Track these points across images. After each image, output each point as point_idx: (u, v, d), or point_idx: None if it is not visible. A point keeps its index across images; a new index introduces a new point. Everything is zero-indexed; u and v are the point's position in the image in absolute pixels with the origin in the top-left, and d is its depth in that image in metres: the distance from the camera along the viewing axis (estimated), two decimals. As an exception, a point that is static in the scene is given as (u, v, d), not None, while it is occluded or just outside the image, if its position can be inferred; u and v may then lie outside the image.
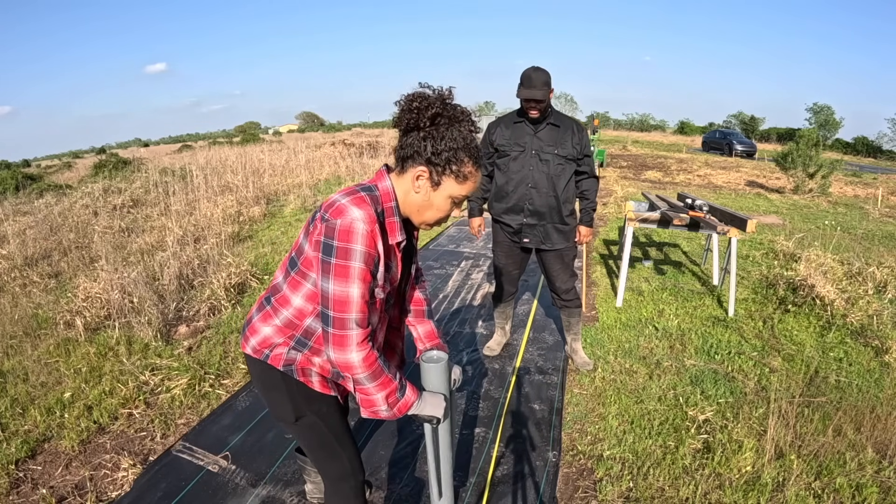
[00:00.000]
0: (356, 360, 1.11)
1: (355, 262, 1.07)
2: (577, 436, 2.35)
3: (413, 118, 1.12)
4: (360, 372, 1.12)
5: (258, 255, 5.14)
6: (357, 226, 1.06)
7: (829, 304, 3.59)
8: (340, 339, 1.10)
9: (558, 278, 2.78)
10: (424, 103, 1.11)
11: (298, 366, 1.26)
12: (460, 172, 1.15)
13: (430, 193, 1.17)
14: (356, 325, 1.10)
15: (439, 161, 1.13)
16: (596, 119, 16.60)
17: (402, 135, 1.15)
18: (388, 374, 1.17)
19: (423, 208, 1.19)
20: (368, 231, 1.07)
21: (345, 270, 1.07)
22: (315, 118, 73.06)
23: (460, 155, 1.13)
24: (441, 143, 1.12)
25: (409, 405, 1.21)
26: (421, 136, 1.12)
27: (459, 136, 1.13)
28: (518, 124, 2.60)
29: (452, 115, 1.13)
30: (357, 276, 1.08)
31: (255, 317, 1.29)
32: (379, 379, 1.15)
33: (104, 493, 2.02)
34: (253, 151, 13.96)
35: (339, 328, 1.10)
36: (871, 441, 2.27)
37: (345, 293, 1.08)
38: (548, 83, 2.44)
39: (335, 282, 1.08)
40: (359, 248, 1.07)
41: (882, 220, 7.86)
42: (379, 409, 1.18)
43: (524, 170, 2.59)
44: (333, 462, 1.36)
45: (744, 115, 46.90)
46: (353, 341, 1.10)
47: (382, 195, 1.16)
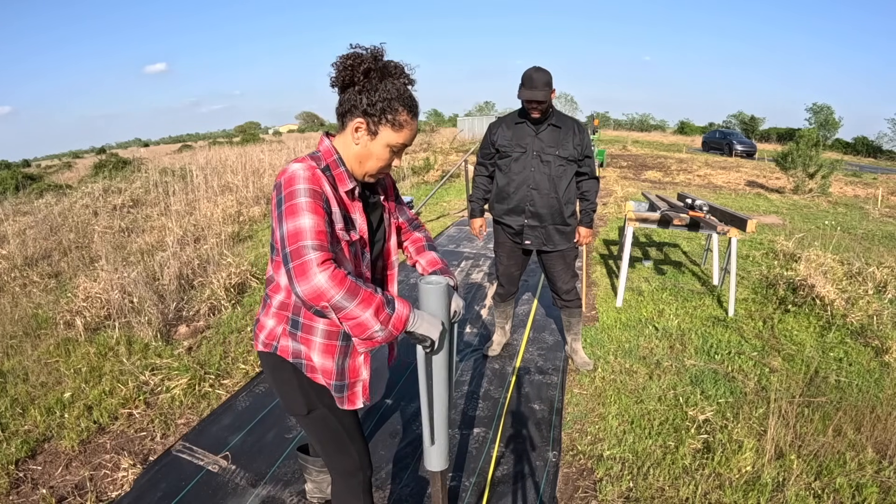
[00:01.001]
0: (322, 280, 1.03)
1: (300, 197, 1.10)
2: (577, 436, 2.35)
3: (348, 74, 1.16)
4: (334, 293, 1.04)
5: (258, 255, 5.14)
6: (297, 172, 1.13)
7: (829, 304, 3.59)
8: (301, 266, 1.05)
9: (559, 279, 2.78)
10: (358, 60, 1.15)
11: (305, 358, 1.27)
12: (396, 121, 1.19)
13: (368, 143, 1.21)
14: (313, 249, 1.06)
15: (375, 111, 1.17)
16: (596, 119, 16.60)
17: (340, 93, 1.20)
18: (368, 289, 1.10)
19: (364, 158, 1.23)
20: (310, 175, 1.13)
21: (292, 208, 1.09)
22: (315, 118, 73.05)
23: (395, 104, 1.17)
24: (375, 94, 1.16)
25: (404, 319, 1.14)
26: (356, 89, 1.17)
27: (393, 87, 1.17)
28: (519, 125, 2.59)
29: (385, 69, 1.17)
30: (305, 209, 1.09)
31: (261, 314, 1.33)
32: (358, 295, 1.07)
33: (104, 493, 2.02)
34: (253, 151, 13.96)
35: (297, 257, 1.05)
36: (871, 441, 2.27)
37: (296, 226, 1.08)
38: (549, 84, 2.43)
39: (287, 221, 1.09)
40: (301, 186, 1.11)
41: (882, 220, 7.86)
42: (373, 331, 1.10)
43: (525, 171, 2.59)
44: (342, 456, 1.37)
45: (744, 115, 46.94)
46: (313, 264, 1.04)
47: (324, 153, 1.23)
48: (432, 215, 7.21)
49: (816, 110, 39.91)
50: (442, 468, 1.41)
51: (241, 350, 3.13)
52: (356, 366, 1.32)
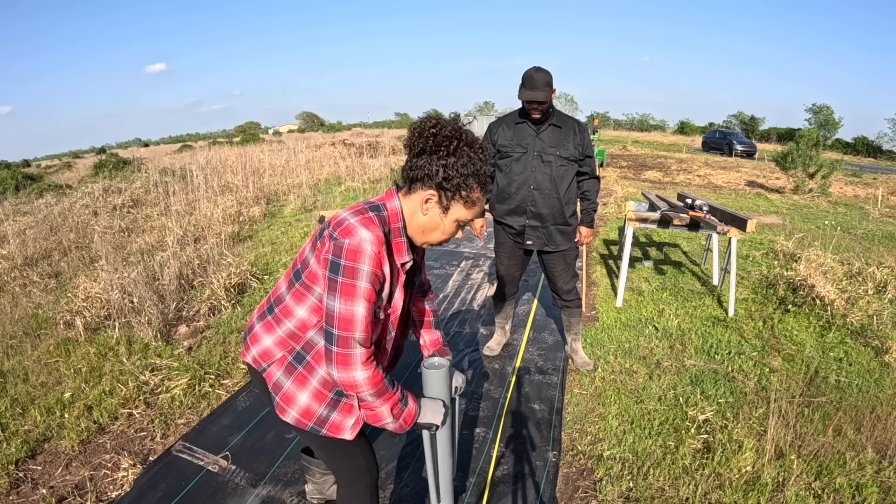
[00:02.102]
0: (361, 378, 1.11)
1: (362, 281, 1.08)
2: (577, 436, 2.35)
3: (428, 143, 1.12)
4: (366, 390, 1.13)
5: (258, 255, 5.14)
6: (365, 246, 1.08)
7: (829, 304, 3.59)
8: (344, 357, 1.10)
9: (560, 278, 2.78)
10: (439, 128, 1.12)
11: (282, 398, 1.23)
12: (469, 198, 1.16)
13: (438, 216, 1.18)
14: (360, 345, 1.10)
15: (450, 186, 1.14)
16: (596, 119, 16.61)
17: (413, 156, 1.16)
18: (392, 391, 1.18)
19: (429, 230, 1.20)
20: (376, 253, 1.09)
21: (351, 289, 1.08)
22: (315, 118, 73.07)
23: (470, 181, 1.15)
24: (453, 168, 1.13)
25: (413, 414, 1.22)
26: (433, 159, 1.13)
27: (470, 162, 1.14)
28: (520, 125, 2.59)
29: (465, 141, 1.14)
30: (363, 296, 1.09)
31: (257, 325, 1.29)
32: (384, 395, 1.16)
33: (104, 493, 2.02)
34: (253, 151, 13.96)
35: (343, 347, 1.10)
36: (871, 441, 2.27)
37: (350, 311, 1.08)
38: (550, 84, 2.43)
39: (341, 300, 1.08)
40: (366, 269, 1.08)
41: (882, 220, 7.86)
42: (385, 422, 1.19)
43: (526, 171, 2.59)
44: (348, 461, 1.35)
45: (744, 115, 46.94)
46: (358, 360, 1.10)
47: (390, 215, 1.17)
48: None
49: (816, 110, 39.90)
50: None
51: (240, 350, 3.13)
52: (341, 425, 1.25)
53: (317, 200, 8.06)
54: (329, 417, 1.25)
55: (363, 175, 10.29)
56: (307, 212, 7.32)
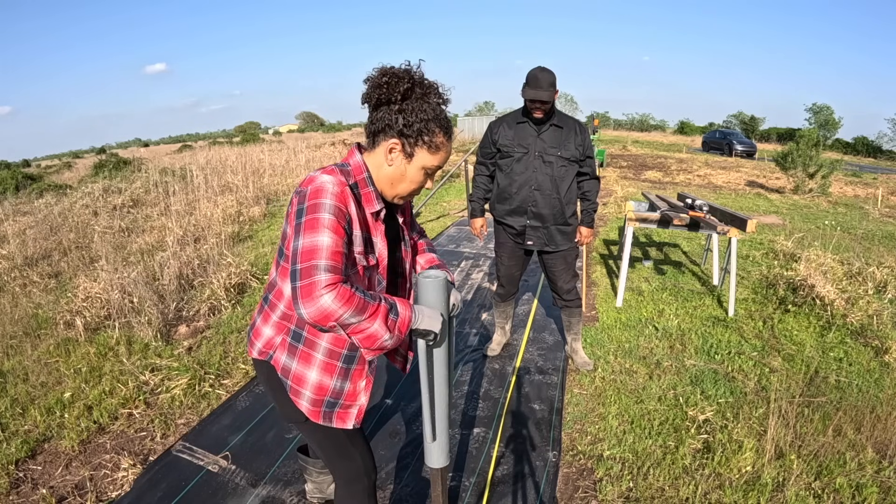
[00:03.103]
0: (328, 301, 0.99)
1: (323, 213, 1.06)
2: (577, 436, 2.35)
3: (384, 93, 1.12)
4: (342, 312, 1.01)
5: (258, 255, 5.14)
6: (326, 185, 1.08)
7: (829, 304, 3.59)
8: (307, 287, 1.00)
9: (560, 278, 2.78)
10: (395, 78, 1.11)
11: (292, 379, 1.23)
12: (432, 143, 1.16)
13: (403, 165, 1.17)
14: (324, 271, 1.01)
15: (411, 132, 1.14)
16: (596, 119, 16.61)
17: (372, 110, 1.16)
18: (373, 302, 1.07)
19: (397, 180, 1.19)
20: (338, 192, 1.08)
21: (313, 222, 1.05)
22: (315, 118, 73.09)
23: (431, 126, 1.14)
24: (412, 115, 1.12)
25: (408, 320, 1.13)
26: (392, 109, 1.13)
27: (429, 107, 1.14)
28: (521, 124, 2.59)
29: (422, 88, 1.14)
30: (326, 225, 1.04)
31: (258, 319, 1.29)
32: (367, 310, 1.05)
33: (104, 493, 2.02)
34: (253, 151, 13.96)
35: (306, 276, 1.01)
36: (871, 441, 2.27)
37: (313, 242, 1.03)
38: (553, 84, 2.43)
39: (304, 234, 1.04)
40: (327, 202, 1.06)
41: (882, 220, 7.86)
42: (383, 340, 1.09)
43: (528, 171, 2.58)
44: (346, 461, 1.34)
45: (744, 115, 46.92)
46: (321, 285, 1.00)
47: (354, 169, 1.18)
48: (432, 215, 7.21)
49: (816, 110, 39.90)
50: (443, 465, 1.40)
51: (241, 350, 3.13)
52: (355, 391, 1.27)
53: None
54: (344, 389, 1.24)
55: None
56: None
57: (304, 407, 1.24)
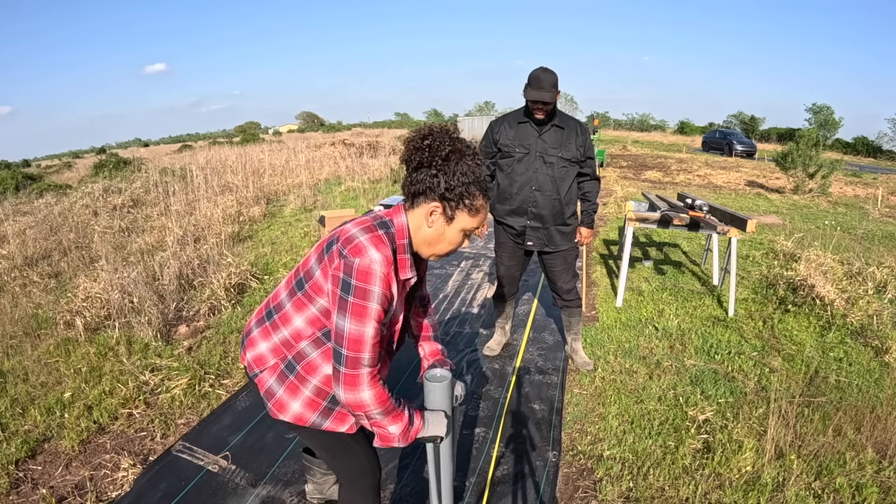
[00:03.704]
0: (368, 398, 1.11)
1: (373, 302, 1.08)
2: (577, 436, 2.35)
3: (426, 156, 1.13)
4: (374, 409, 1.13)
5: (258, 255, 5.14)
6: (375, 268, 1.08)
7: (829, 304, 3.59)
8: (352, 378, 1.10)
9: (560, 278, 2.78)
10: (437, 141, 1.12)
11: (274, 404, 1.24)
12: (473, 206, 1.17)
13: (443, 227, 1.18)
14: (367, 365, 1.11)
15: (453, 196, 1.14)
16: (596, 119, 16.63)
17: (411, 171, 1.16)
18: (398, 408, 1.18)
19: (435, 242, 1.20)
20: (385, 274, 1.10)
21: (362, 310, 1.08)
22: (315, 118, 73.09)
23: (472, 189, 1.15)
24: (454, 178, 1.13)
25: (418, 430, 1.22)
26: (433, 172, 1.13)
27: (469, 170, 1.15)
28: (522, 125, 2.58)
29: (462, 151, 1.15)
30: (373, 317, 1.09)
31: (255, 330, 1.29)
32: (392, 413, 1.16)
33: (104, 493, 2.02)
34: (253, 151, 13.96)
35: (352, 367, 1.10)
36: (871, 441, 2.27)
37: (360, 332, 1.09)
38: (555, 85, 2.42)
39: (352, 320, 1.08)
40: (377, 290, 1.09)
41: (882, 220, 7.86)
42: (394, 443, 1.19)
43: (528, 172, 2.58)
44: (352, 459, 1.35)
45: (744, 115, 46.92)
46: (365, 380, 1.10)
47: (397, 231, 1.18)
48: (432, 215, 7.19)
49: (816, 110, 39.89)
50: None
51: (240, 352, 3.13)
52: (335, 430, 1.29)
53: (317, 200, 8.06)
54: (322, 425, 1.27)
55: (363, 175, 10.29)
56: (307, 212, 7.32)
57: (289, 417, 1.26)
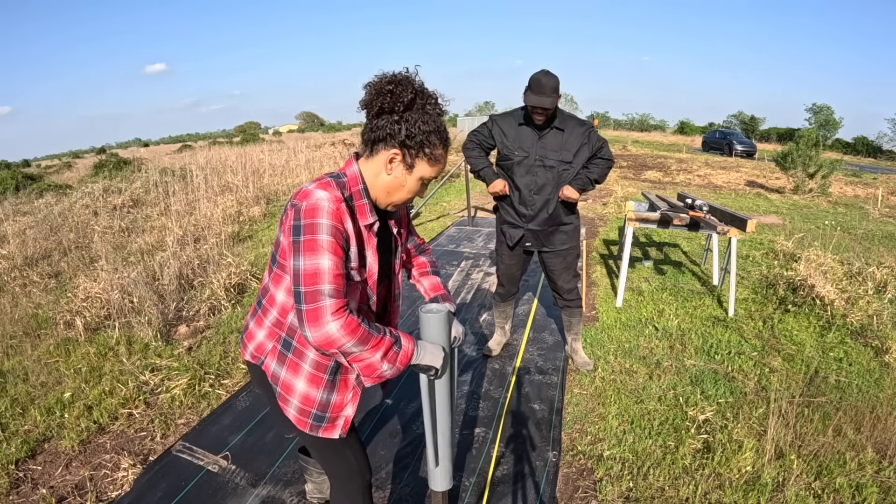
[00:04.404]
0: (334, 330, 1.04)
1: (322, 234, 1.06)
2: (577, 436, 2.35)
3: (388, 101, 1.11)
4: (346, 341, 1.05)
5: (258, 255, 5.14)
6: (322, 203, 1.08)
7: (829, 304, 3.59)
8: (314, 312, 1.04)
9: (560, 277, 2.77)
10: (399, 87, 1.10)
11: (281, 386, 1.24)
12: (433, 155, 1.17)
13: (403, 175, 1.17)
14: (329, 296, 1.05)
15: (413, 144, 1.14)
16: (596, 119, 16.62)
17: (372, 117, 1.15)
18: (378, 335, 1.11)
19: (394, 190, 1.19)
20: (334, 209, 1.09)
21: (313, 244, 1.06)
22: (315, 118, 73.10)
23: (432, 138, 1.15)
24: (415, 126, 1.12)
25: (410, 355, 1.16)
26: (394, 118, 1.12)
27: (430, 119, 1.14)
28: (522, 127, 2.56)
29: (424, 99, 1.14)
30: (326, 248, 1.06)
31: (251, 322, 1.31)
32: (370, 341, 1.09)
33: (104, 493, 2.02)
34: (253, 151, 13.96)
35: (312, 301, 1.04)
36: (871, 441, 2.27)
37: (315, 265, 1.05)
38: (556, 90, 2.39)
39: (305, 256, 1.06)
40: (324, 222, 1.07)
41: (882, 220, 7.85)
42: (381, 371, 1.12)
43: (528, 176, 2.57)
44: (341, 463, 1.35)
45: (744, 115, 46.93)
46: (328, 312, 1.04)
47: (350, 180, 1.17)
48: (432, 215, 7.20)
49: (816, 110, 39.93)
50: (447, 488, 1.41)
51: (240, 350, 3.13)
52: (342, 402, 1.28)
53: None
54: (330, 401, 1.25)
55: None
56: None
57: (292, 415, 1.26)
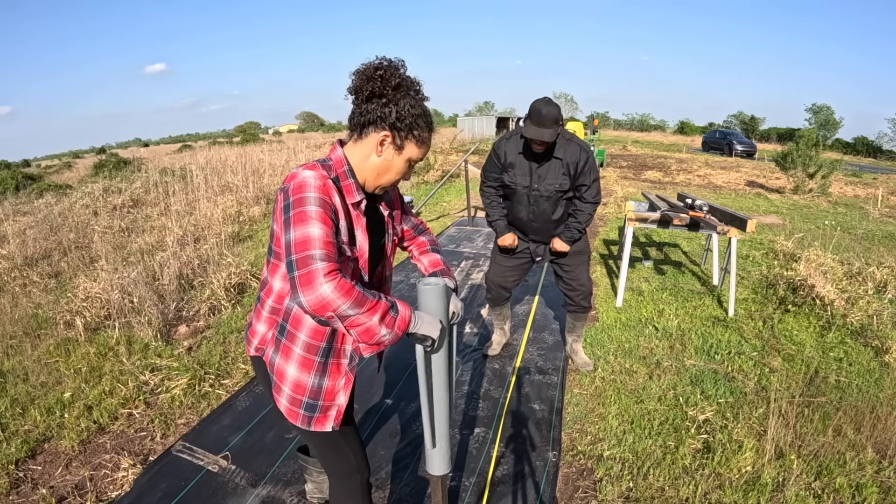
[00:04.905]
0: (328, 291, 1.02)
1: (310, 206, 1.09)
2: (577, 436, 2.35)
3: (377, 85, 1.15)
4: (341, 303, 1.03)
5: (258, 255, 5.14)
6: (308, 180, 1.12)
7: (829, 304, 3.59)
8: (306, 276, 1.03)
9: (575, 280, 2.76)
10: (389, 72, 1.15)
11: (276, 374, 1.26)
12: (420, 137, 1.22)
13: (392, 156, 1.22)
14: (320, 259, 1.04)
15: (403, 126, 1.18)
16: (596, 119, 16.63)
17: (361, 101, 1.19)
18: (373, 298, 1.09)
19: (383, 171, 1.23)
20: (320, 184, 1.12)
21: (302, 215, 1.08)
22: (315, 118, 73.10)
23: (420, 121, 1.20)
24: (404, 109, 1.17)
25: (408, 321, 1.15)
26: (384, 101, 1.16)
27: (416, 103, 1.20)
28: (521, 155, 2.53)
29: (409, 85, 1.19)
30: (315, 217, 1.08)
31: (253, 318, 1.33)
32: (365, 304, 1.07)
33: (104, 493, 2.02)
34: (253, 151, 13.96)
35: (303, 266, 1.03)
36: (871, 441, 2.27)
37: (304, 233, 1.06)
38: (558, 121, 2.32)
39: (294, 227, 1.07)
40: (312, 195, 1.10)
41: (882, 220, 7.86)
42: (380, 336, 1.11)
43: (525, 203, 2.59)
44: (340, 459, 1.37)
45: (744, 115, 46.93)
46: (320, 274, 1.02)
47: (335, 163, 1.22)
48: (432, 215, 7.21)
49: (816, 110, 39.94)
50: (444, 472, 1.40)
51: (241, 350, 3.13)
52: (334, 389, 1.27)
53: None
54: (322, 386, 1.25)
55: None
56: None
57: (283, 406, 1.26)
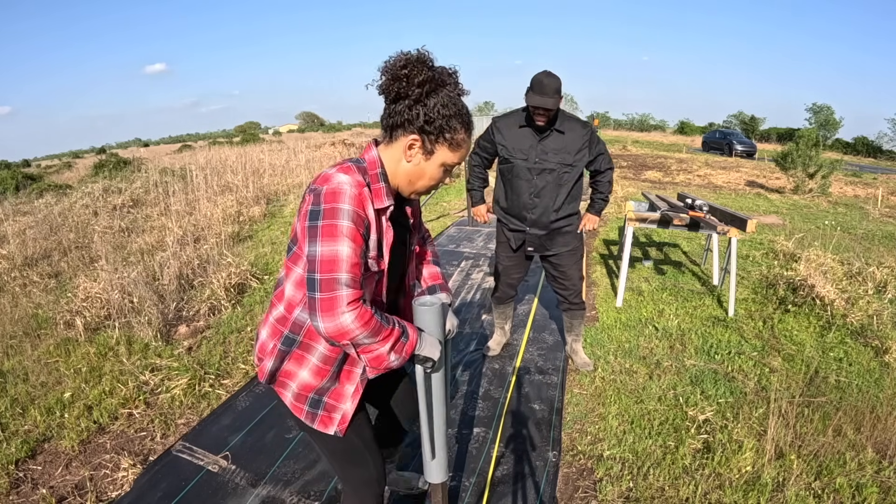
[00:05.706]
0: (349, 321, 0.99)
1: (343, 220, 1.01)
2: (577, 436, 2.35)
3: (403, 86, 1.06)
4: (359, 333, 1.01)
5: (258, 255, 5.14)
6: (343, 187, 1.03)
7: (829, 304, 3.59)
8: (329, 302, 0.98)
9: (567, 280, 2.76)
10: (414, 69, 1.05)
11: (281, 374, 1.21)
12: (454, 140, 1.12)
13: (422, 162, 1.13)
14: (346, 286, 0.99)
15: (432, 129, 1.09)
16: (596, 119, 16.63)
17: (390, 102, 1.10)
18: (388, 326, 1.07)
19: (415, 177, 1.15)
20: (356, 193, 1.04)
21: (332, 229, 1.00)
22: (315, 118, 73.09)
23: (453, 122, 1.10)
24: (434, 110, 1.07)
25: (414, 345, 1.13)
26: (410, 103, 1.07)
27: (450, 101, 1.09)
28: (523, 129, 2.54)
29: (442, 80, 1.09)
30: (346, 234, 1.01)
31: (260, 326, 1.27)
32: (381, 333, 1.05)
33: (104, 493, 2.02)
34: (253, 151, 13.97)
35: (327, 290, 0.99)
36: (871, 441, 2.27)
37: (333, 252, 1.00)
38: (559, 91, 2.36)
39: (322, 242, 1.00)
40: (346, 207, 1.02)
41: (882, 220, 7.85)
42: (388, 362, 1.09)
43: (528, 179, 2.56)
44: (359, 469, 1.30)
45: (744, 115, 46.91)
46: (343, 302, 0.99)
47: (368, 164, 1.14)
48: (432, 215, 7.20)
49: (816, 110, 39.91)
50: (443, 480, 1.41)
51: (241, 350, 3.13)
52: (342, 392, 1.23)
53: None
54: (330, 387, 1.21)
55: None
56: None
57: (289, 400, 1.21)
